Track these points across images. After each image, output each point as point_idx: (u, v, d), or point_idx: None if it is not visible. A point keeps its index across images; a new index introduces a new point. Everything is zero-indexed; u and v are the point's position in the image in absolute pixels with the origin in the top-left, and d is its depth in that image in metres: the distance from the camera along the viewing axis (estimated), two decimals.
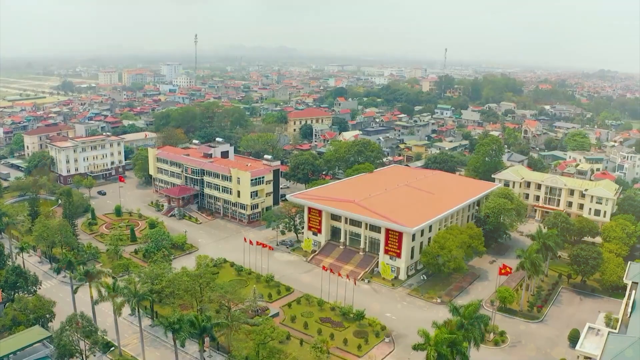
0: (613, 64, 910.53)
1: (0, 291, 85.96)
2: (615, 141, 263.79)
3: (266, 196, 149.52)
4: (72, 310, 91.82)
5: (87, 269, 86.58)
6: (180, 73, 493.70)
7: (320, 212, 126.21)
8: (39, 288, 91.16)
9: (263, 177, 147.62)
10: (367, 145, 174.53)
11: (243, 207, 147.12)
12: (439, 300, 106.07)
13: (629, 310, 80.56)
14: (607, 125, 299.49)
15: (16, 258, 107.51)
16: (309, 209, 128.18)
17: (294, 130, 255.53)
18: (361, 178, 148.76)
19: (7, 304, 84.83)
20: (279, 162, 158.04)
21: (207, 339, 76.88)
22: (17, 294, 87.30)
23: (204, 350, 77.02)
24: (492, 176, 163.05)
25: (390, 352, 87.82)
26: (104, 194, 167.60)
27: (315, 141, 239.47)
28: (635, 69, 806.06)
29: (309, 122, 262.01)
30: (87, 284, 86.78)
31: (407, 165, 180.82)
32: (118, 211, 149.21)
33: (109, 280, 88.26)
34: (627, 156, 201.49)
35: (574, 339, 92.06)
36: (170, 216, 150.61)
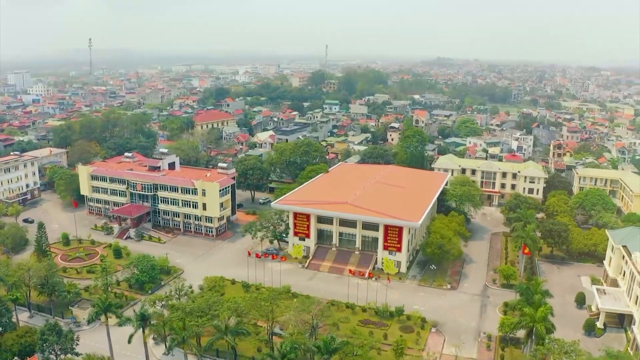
0: (448, 52, 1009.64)
1: (36, 358, 73.39)
2: (492, 124, 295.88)
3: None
4: None
5: (141, 311, 77.33)
6: (33, 81, 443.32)
7: (308, 216, 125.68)
8: (77, 344, 79.31)
9: (228, 187, 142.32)
10: (311, 145, 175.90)
11: (209, 220, 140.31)
12: (449, 287, 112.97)
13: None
14: (480, 110, 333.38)
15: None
16: (295, 214, 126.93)
17: (201, 134, 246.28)
18: (324, 179, 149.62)
19: None
20: (234, 170, 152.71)
21: None
22: (59, 356, 75.05)
23: None
24: (432, 166, 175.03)
25: (444, 341, 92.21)
26: (32, 221, 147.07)
27: (229, 144, 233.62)
28: (469, 55, 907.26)
29: (215, 125, 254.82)
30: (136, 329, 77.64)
31: (345, 162, 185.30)
32: (66, 239, 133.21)
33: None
34: (520, 138, 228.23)
35: (580, 300, 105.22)
36: (126, 239, 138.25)
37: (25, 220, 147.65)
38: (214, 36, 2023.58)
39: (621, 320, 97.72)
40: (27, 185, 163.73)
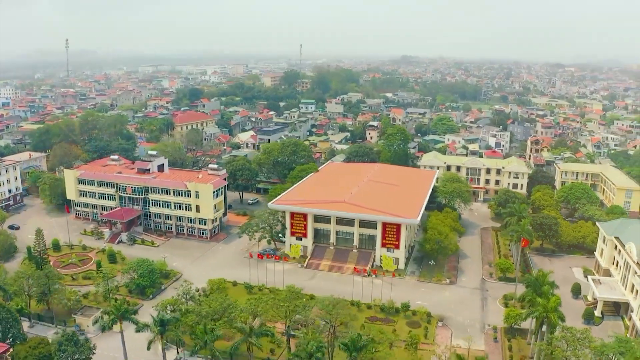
0: (411, 50, 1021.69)
1: None
2: (467, 121, 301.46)
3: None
4: None
5: (160, 317, 76.55)
6: (0, 84, 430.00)
7: (305, 216, 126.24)
8: (94, 353, 78.04)
9: (221, 189, 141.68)
10: (298, 145, 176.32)
11: (203, 222, 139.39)
12: (448, 281, 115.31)
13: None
14: (453, 107, 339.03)
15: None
16: (292, 214, 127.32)
17: (181, 135, 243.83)
18: (315, 178, 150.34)
19: None
20: (224, 171, 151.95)
21: None
22: None
23: None
24: (418, 163, 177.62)
25: (452, 334, 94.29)
26: (18, 228, 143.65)
27: (211, 145, 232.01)
28: (433, 53, 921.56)
29: (194, 126, 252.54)
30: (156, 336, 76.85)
31: (332, 161, 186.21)
32: (56, 245, 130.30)
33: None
34: (497, 135, 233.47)
35: (575, 290, 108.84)
36: (118, 243, 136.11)
37: (11, 227, 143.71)
38: (179, 37, 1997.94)
39: (617, 309, 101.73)
40: (10, 191, 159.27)
